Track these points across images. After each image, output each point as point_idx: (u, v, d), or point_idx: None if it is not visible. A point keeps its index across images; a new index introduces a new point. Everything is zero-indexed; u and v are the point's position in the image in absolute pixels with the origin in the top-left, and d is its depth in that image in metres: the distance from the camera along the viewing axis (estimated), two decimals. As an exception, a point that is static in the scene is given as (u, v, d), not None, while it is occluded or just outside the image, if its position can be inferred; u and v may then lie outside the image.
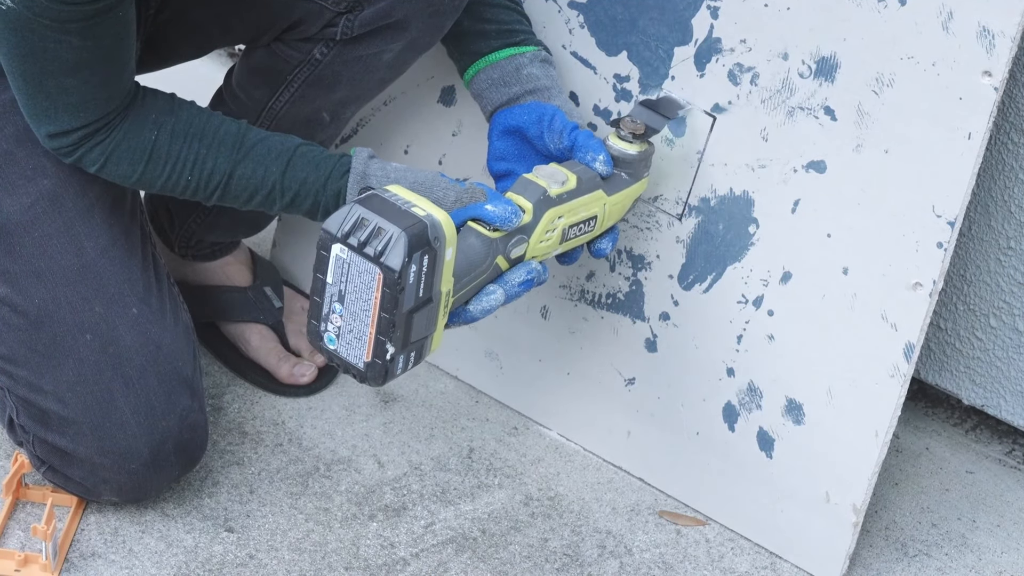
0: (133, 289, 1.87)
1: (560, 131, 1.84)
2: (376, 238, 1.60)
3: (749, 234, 1.95)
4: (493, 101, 1.90)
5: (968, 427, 2.28)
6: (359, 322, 1.64)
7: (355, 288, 1.63)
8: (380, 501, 2.03)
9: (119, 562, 1.90)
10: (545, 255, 1.80)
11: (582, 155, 1.83)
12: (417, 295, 1.63)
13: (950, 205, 1.82)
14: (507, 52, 1.89)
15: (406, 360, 1.67)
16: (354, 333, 1.65)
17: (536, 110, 1.86)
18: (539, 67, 1.90)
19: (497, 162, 1.89)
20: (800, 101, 1.88)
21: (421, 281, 1.62)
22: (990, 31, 1.76)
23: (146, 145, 1.78)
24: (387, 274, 1.60)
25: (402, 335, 1.64)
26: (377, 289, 1.61)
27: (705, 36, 1.91)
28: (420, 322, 1.65)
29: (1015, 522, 2.14)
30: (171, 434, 1.87)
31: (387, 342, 1.64)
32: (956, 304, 2.15)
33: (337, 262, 1.63)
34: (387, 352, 1.64)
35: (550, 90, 1.89)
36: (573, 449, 2.15)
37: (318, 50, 1.92)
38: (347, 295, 1.64)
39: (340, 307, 1.65)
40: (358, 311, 1.64)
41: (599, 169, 1.82)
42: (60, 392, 1.85)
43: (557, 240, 1.80)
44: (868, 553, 2.05)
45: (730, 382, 2.01)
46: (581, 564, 1.99)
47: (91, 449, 1.86)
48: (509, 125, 1.88)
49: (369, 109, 2.16)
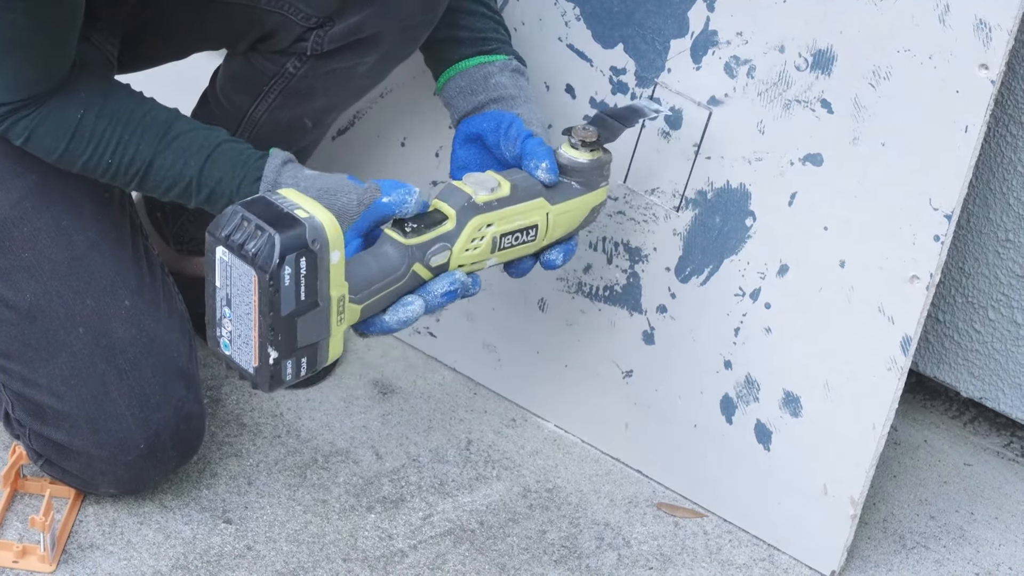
0: (125, 281, 1.87)
1: (514, 138, 1.80)
2: (252, 240, 1.57)
3: (746, 227, 1.95)
4: (459, 109, 1.87)
5: (966, 419, 2.27)
6: (245, 326, 1.61)
7: (238, 291, 1.60)
8: (378, 493, 2.03)
9: (117, 553, 1.91)
10: (476, 265, 1.75)
11: (527, 162, 1.79)
12: (298, 298, 1.58)
13: (947, 198, 1.82)
14: (477, 60, 1.87)
15: (296, 366, 1.62)
16: (243, 338, 1.62)
17: (495, 118, 1.83)
18: (508, 76, 1.87)
19: (459, 171, 1.86)
20: (797, 94, 1.88)
21: (301, 284, 1.58)
22: (987, 24, 1.75)
23: (71, 123, 1.75)
24: (260, 276, 1.57)
25: (285, 340, 1.59)
26: (255, 292, 1.58)
27: (701, 28, 1.91)
28: (306, 327, 1.60)
29: (1013, 514, 2.14)
30: (167, 425, 1.87)
31: (268, 346, 1.59)
32: (954, 297, 2.15)
33: (221, 264, 1.60)
34: (269, 357, 1.60)
35: (515, 99, 1.86)
36: (571, 441, 2.15)
37: (291, 63, 1.92)
38: (233, 299, 1.61)
39: (229, 311, 1.62)
40: (243, 315, 1.60)
41: (541, 177, 1.77)
42: (54, 386, 1.85)
43: (487, 249, 1.75)
44: (866, 545, 2.06)
45: (727, 375, 2.01)
46: (579, 556, 1.99)
47: (87, 442, 1.86)
48: (470, 133, 1.85)
49: (366, 102, 2.16)
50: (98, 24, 1.87)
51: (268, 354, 1.59)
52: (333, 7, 1.85)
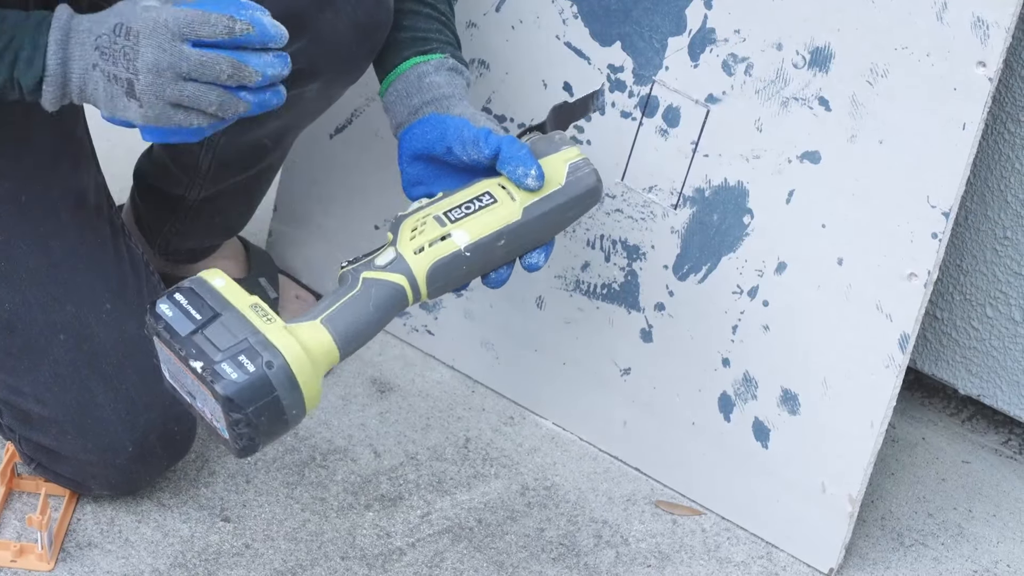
0: (106, 284, 1.86)
1: (475, 141, 1.69)
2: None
3: (744, 224, 1.95)
4: (397, 117, 1.78)
5: (964, 417, 2.28)
6: (186, 382, 1.60)
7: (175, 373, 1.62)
8: (376, 491, 2.03)
9: (115, 552, 1.90)
10: (437, 248, 1.65)
11: (511, 169, 1.67)
12: (192, 319, 1.57)
13: (945, 196, 1.82)
14: (412, 62, 1.79)
15: (236, 364, 1.55)
16: (193, 392, 1.60)
17: (437, 127, 1.72)
18: (444, 75, 1.77)
19: (414, 187, 1.77)
20: (794, 91, 1.88)
21: (188, 310, 1.57)
22: (984, 21, 1.75)
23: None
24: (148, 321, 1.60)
25: (200, 351, 1.55)
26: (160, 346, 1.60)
27: (699, 26, 1.91)
28: (218, 333, 1.56)
29: (1011, 512, 2.14)
30: (154, 426, 1.86)
31: (190, 360, 1.55)
32: (952, 294, 2.15)
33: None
34: (197, 369, 1.56)
35: (450, 98, 1.75)
36: (569, 439, 2.15)
37: None
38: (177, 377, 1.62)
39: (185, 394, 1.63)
40: (183, 378, 1.60)
41: (531, 185, 1.67)
42: (39, 393, 1.84)
43: (436, 227, 1.65)
44: (864, 543, 2.06)
45: (725, 372, 2.01)
46: (577, 554, 1.99)
47: (75, 447, 1.86)
48: (414, 151, 1.74)
49: (363, 100, 2.16)
50: None
51: (195, 368, 1.55)
52: None
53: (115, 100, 1.59)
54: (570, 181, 1.70)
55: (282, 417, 1.55)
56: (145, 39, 1.56)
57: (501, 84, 2.07)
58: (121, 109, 1.59)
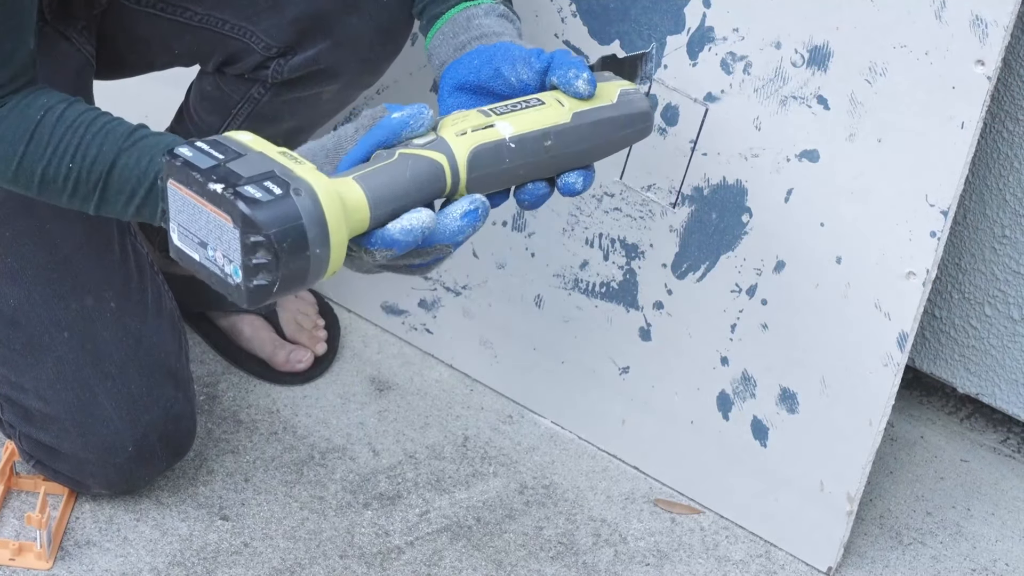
0: (110, 283, 1.87)
1: (525, 59, 1.60)
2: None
3: (742, 223, 1.95)
4: (440, 55, 1.68)
5: (963, 416, 2.28)
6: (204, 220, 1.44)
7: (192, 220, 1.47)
8: (375, 489, 2.03)
9: (114, 550, 1.90)
10: (480, 135, 1.52)
11: (562, 74, 1.57)
12: (211, 156, 1.42)
13: (943, 194, 1.82)
14: (462, 6, 1.69)
15: (259, 187, 1.39)
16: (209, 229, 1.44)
17: (483, 53, 1.62)
18: (494, 19, 1.68)
19: None
20: (793, 90, 1.87)
21: (200, 152, 1.43)
22: (983, 20, 1.75)
23: (30, 124, 1.61)
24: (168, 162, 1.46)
25: (219, 177, 1.40)
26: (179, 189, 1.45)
27: (698, 25, 1.91)
28: (244, 165, 1.40)
29: (1010, 510, 2.14)
30: (155, 426, 1.87)
31: (212, 184, 1.41)
32: (951, 293, 2.15)
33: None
34: (217, 189, 1.40)
35: (501, 35, 1.65)
36: (568, 438, 2.15)
37: (255, 90, 1.93)
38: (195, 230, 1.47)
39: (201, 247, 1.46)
40: (201, 222, 1.44)
41: (581, 89, 1.57)
42: (41, 390, 1.85)
43: (479, 116, 1.54)
44: (863, 541, 2.06)
45: (724, 371, 2.01)
46: (576, 552, 1.99)
47: (75, 445, 1.86)
48: (457, 81, 1.63)
49: (362, 98, 2.16)
50: (77, 24, 1.87)
51: (214, 191, 1.40)
52: (291, 39, 1.86)
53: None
54: (622, 101, 1.62)
55: (304, 253, 1.39)
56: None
57: (500, 83, 2.07)
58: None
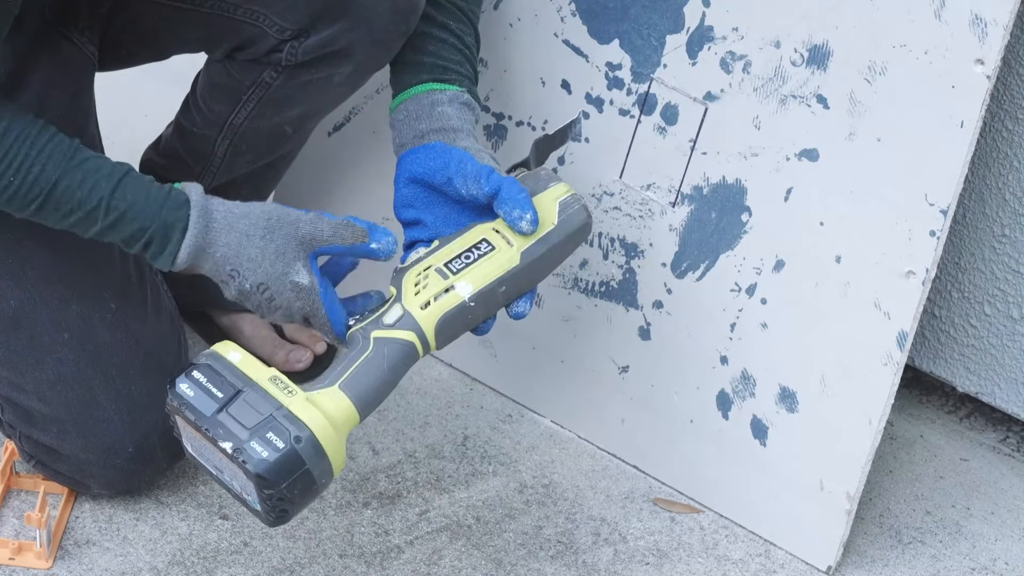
0: (110, 284, 1.87)
1: (476, 176, 1.72)
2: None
3: (742, 222, 1.95)
4: (402, 135, 1.80)
5: (962, 415, 2.28)
6: (215, 457, 1.63)
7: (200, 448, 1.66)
8: (374, 488, 2.03)
9: (114, 549, 1.90)
10: (444, 300, 1.69)
11: (507, 211, 1.71)
12: (214, 398, 1.60)
13: (943, 193, 1.82)
14: (428, 86, 1.81)
15: (264, 443, 1.58)
16: (220, 467, 1.63)
17: (442, 156, 1.75)
18: (456, 108, 1.79)
19: (404, 209, 1.78)
20: (792, 89, 1.88)
21: (210, 388, 1.61)
22: (982, 19, 1.75)
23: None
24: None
25: (227, 430, 1.59)
26: (183, 423, 1.64)
27: (697, 24, 1.91)
28: (242, 411, 1.60)
29: (1009, 509, 2.14)
30: (156, 427, 1.87)
31: (219, 442, 1.59)
32: (951, 292, 2.15)
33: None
34: (227, 450, 1.59)
35: (458, 132, 1.78)
36: (567, 437, 2.15)
37: (267, 74, 1.92)
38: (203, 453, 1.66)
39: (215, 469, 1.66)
40: (209, 453, 1.63)
41: (525, 229, 1.71)
42: (41, 391, 1.84)
43: (439, 280, 1.69)
44: (862, 540, 2.06)
45: (723, 370, 2.01)
46: (575, 551, 1.99)
47: (76, 446, 1.86)
48: (414, 174, 1.77)
49: (361, 97, 2.16)
50: (79, 24, 1.87)
51: (224, 449, 1.58)
52: (305, 21, 1.86)
53: (233, 293, 1.72)
54: (562, 220, 1.75)
55: (312, 487, 1.60)
56: (281, 302, 1.70)
57: (499, 82, 2.07)
58: (240, 300, 1.72)
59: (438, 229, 1.77)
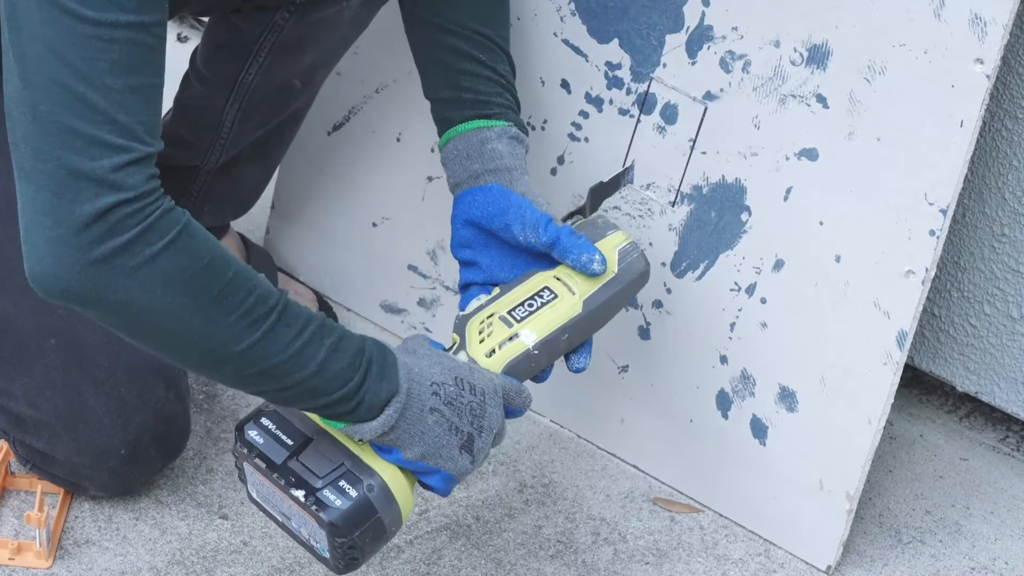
0: None
1: (534, 225, 1.73)
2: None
3: (741, 222, 1.95)
4: (455, 175, 1.80)
5: (962, 414, 2.28)
6: (286, 507, 1.63)
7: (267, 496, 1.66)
8: (374, 488, 2.03)
9: (113, 549, 1.90)
10: (508, 349, 1.69)
11: (574, 258, 1.72)
12: (284, 444, 1.61)
13: (942, 193, 1.82)
14: (475, 124, 1.81)
15: (338, 491, 1.59)
16: (294, 516, 1.63)
17: (500, 201, 1.75)
18: (506, 144, 1.80)
19: (461, 249, 1.79)
20: (792, 89, 1.88)
21: (279, 435, 1.62)
22: (982, 18, 1.75)
23: (213, 249, 1.45)
24: (235, 447, 1.65)
25: (299, 478, 1.60)
26: (257, 475, 1.64)
27: (697, 23, 1.91)
28: (313, 457, 1.60)
29: (1009, 509, 2.14)
30: (147, 428, 1.86)
31: (291, 489, 1.60)
32: (950, 291, 2.15)
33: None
34: (299, 498, 1.60)
35: (512, 171, 1.78)
36: (567, 436, 2.15)
37: (279, 16, 1.90)
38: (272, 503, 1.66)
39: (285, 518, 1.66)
40: (280, 503, 1.64)
41: (596, 270, 1.72)
42: (30, 397, 1.84)
43: (504, 328, 1.70)
44: (862, 540, 2.06)
45: (723, 370, 2.01)
46: (575, 551, 1.99)
47: (68, 450, 1.85)
48: (471, 216, 1.77)
49: (360, 97, 2.16)
50: None
51: (297, 497, 1.59)
52: None
53: (443, 450, 1.62)
54: (623, 268, 1.77)
55: (383, 535, 1.61)
56: (489, 399, 1.63)
57: (499, 81, 2.07)
58: (445, 459, 1.62)
59: (493, 272, 1.78)
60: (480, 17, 1.86)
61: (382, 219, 2.21)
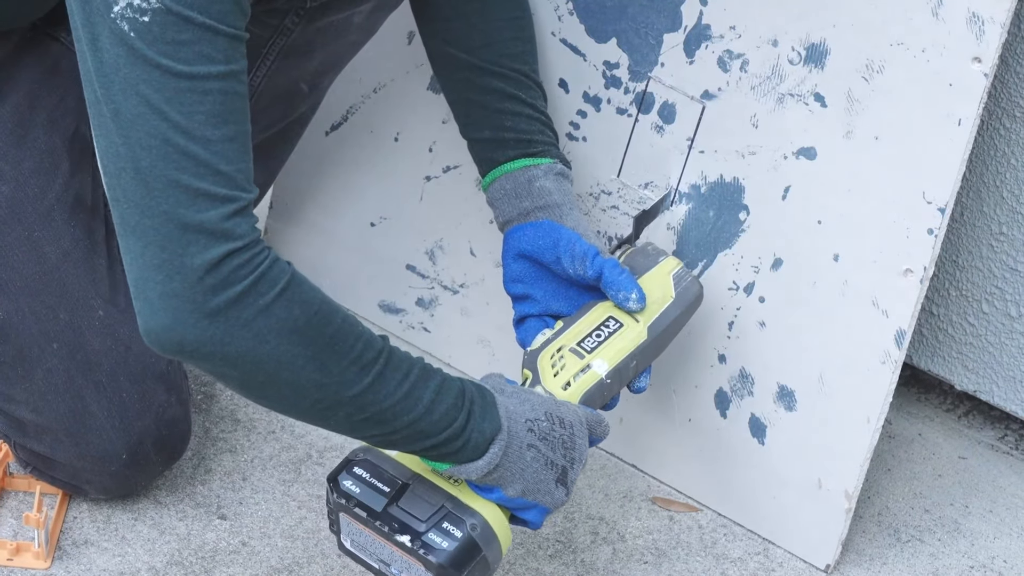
0: (98, 290, 1.85)
1: (582, 258, 1.78)
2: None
3: (739, 221, 1.95)
4: (505, 213, 1.84)
5: (961, 413, 2.28)
6: (386, 554, 1.65)
7: (364, 543, 1.68)
8: (373, 488, 2.03)
9: (112, 549, 1.90)
10: (583, 380, 1.74)
11: (613, 293, 1.78)
12: (379, 492, 1.63)
13: (940, 191, 1.82)
14: (521, 163, 1.85)
15: (442, 533, 1.61)
16: (396, 562, 1.65)
17: (551, 235, 1.80)
18: (553, 180, 1.84)
19: (513, 284, 1.84)
20: (790, 88, 1.88)
21: (374, 482, 1.63)
22: (980, 17, 1.75)
23: (320, 296, 1.48)
24: (328, 495, 1.66)
25: (402, 523, 1.62)
26: (352, 521, 1.66)
27: (694, 23, 1.91)
28: (412, 503, 1.62)
29: (1008, 507, 2.14)
30: (148, 433, 1.86)
31: (396, 536, 1.62)
32: (948, 290, 2.15)
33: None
34: (406, 543, 1.61)
35: (562, 207, 1.83)
36: (566, 436, 2.15)
37: (289, 19, 1.90)
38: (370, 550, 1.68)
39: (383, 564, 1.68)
40: (381, 552, 1.66)
41: (633, 308, 1.78)
42: (32, 401, 1.84)
43: (576, 360, 1.75)
44: (861, 539, 2.06)
45: (722, 369, 2.01)
46: (574, 550, 1.99)
47: (69, 455, 1.85)
48: (523, 250, 1.82)
49: (359, 97, 2.16)
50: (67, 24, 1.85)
51: (402, 543, 1.61)
52: None
53: (541, 484, 1.64)
54: (679, 292, 1.84)
55: (488, 572, 1.65)
56: (578, 431, 1.67)
57: (497, 81, 2.07)
58: (543, 493, 1.65)
59: (548, 304, 1.82)
60: (515, 54, 1.88)
61: (380, 219, 2.21)
